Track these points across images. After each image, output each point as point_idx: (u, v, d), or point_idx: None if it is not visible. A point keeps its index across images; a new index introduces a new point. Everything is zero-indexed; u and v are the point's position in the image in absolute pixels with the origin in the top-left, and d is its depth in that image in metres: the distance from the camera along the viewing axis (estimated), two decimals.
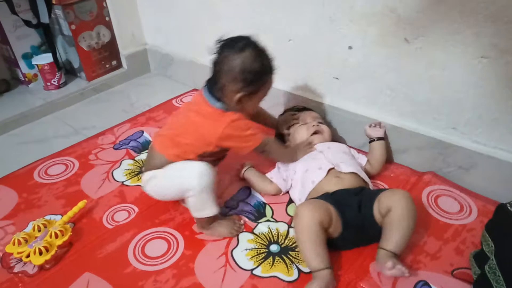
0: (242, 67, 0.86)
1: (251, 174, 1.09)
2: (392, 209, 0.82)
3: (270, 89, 0.95)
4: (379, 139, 1.10)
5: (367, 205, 0.87)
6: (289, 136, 1.15)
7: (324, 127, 1.13)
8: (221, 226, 0.94)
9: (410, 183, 1.08)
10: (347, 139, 1.24)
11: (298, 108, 1.22)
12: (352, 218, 0.86)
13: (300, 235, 0.82)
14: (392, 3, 0.98)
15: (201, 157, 0.93)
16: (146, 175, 0.97)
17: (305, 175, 0.99)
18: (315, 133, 1.10)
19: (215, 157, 0.98)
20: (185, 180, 0.90)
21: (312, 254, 0.80)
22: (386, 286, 0.80)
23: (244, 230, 0.96)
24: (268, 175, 1.08)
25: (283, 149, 1.09)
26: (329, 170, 0.97)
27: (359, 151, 1.15)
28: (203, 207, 0.91)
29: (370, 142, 1.12)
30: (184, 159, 0.92)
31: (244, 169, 1.11)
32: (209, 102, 0.91)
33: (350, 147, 1.15)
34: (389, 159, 1.16)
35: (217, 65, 0.90)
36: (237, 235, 0.94)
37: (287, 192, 1.06)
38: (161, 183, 0.95)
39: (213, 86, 0.91)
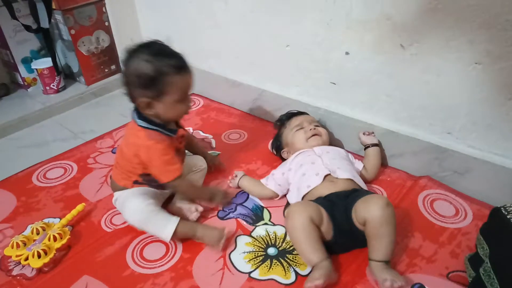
0: (136, 72, 0.84)
1: (245, 182, 1.09)
2: (368, 221, 0.81)
3: (184, 90, 0.89)
4: (373, 145, 1.12)
5: (349, 211, 0.87)
6: (288, 144, 1.16)
7: (321, 130, 1.14)
8: (205, 237, 0.92)
9: (406, 187, 1.09)
10: (344, 143, 1.25)
11: (293, 113, 1.23)
12: (341, 221, 0.87)
13: (295, 234, 0.84)
14: (388, 11, 1.00)
15: (144, 177, 0.95)
16: (114, 196, 1.00)
17: (302, 179, 1.00)
18: (313, 135, 1.11)
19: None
20: (126, 217, 0.95)
21: (310, 250, 0.81)
22: None
23: (242, 233, 0.97)
24: (263, 181, 1.08)
25: (196, 189, 1.04)
26: (325, 176, 0.97)
27: (355, 156, 1.16)
28: (157, 234, 0.92)
29: (365, 148, 1.13)
30: (130, 180, 0.96)
31: (238, 179, 1.10)
32: (133, 119, 0.92)
33: (347, 151, 1.16)
34: (384, 163, 1.18)
35: (122, 74, 0.89)
36: (220, 247, 0.91)
37: (284, 195, 1.07)
38: (120, 210, 0.99)
39: (130, 100, 0.91)
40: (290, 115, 1.22)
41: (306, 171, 1.01)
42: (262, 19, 1.29)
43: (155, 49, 0.86)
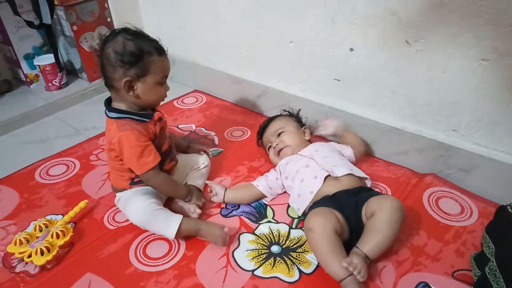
0: (116, 52, 0.84)
1: (231, 197, 1.03)
2: (375, 214, 0.82)
3: (165, 73, 0.91)
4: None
5: (360, 207, 0.87)
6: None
7: (284, 138, 1.11)
8: (208, 236, 0.92)
9: (411, 185, 1.08)
10: None
11: (263, 126, 1.20)
12: (351, 219, 0.86)
13: (319, 248, 0.80)
14: (393, 6, 0.98)
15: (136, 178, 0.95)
16: (116, 196, 1.00)
17: (301, 185, 0.98)
18: (279, 151, 1.10)
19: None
20: (130, 218, 0.94)
21: (336, 264, 0.78)
22: (387, 287, 0.81)
23: (245, 231, 0.96)
24: (254, 182, 1.06)
25: (172, 184, 0.98)
26: (325, 177, 0.96)
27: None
28: (161, 232, 0.91)
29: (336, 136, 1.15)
30: (125, 180, 0.95)
31: (222, 196, 1.03)
32: (106, 113, 0.91)
33: (330, 141, 1.18)
34: (388, 160, 1.17)
35: (100, 61, 0.87)
36: (223, 243, 0.90)
37: (274, 198, 1.06)
38: (123, 210, 0.98)
39: (108, 88, 0.91)
40: (261, 133, 1.20)
41: (304, 177, 0.98)
42: (265, 15, 1.28)
43: (134, 31, 0.87)
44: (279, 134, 1.12)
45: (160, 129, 0.95)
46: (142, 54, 0.85)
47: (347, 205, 0.88)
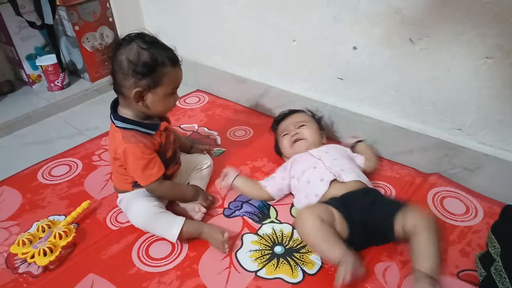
0: (130, 60, 0.82)
1: (240, 182, 1.03)
2: (420, 232, 0.80)
3: (176, 84, 0.90)
4: (359, 141, 1.15)
5: (384, 211, 0.85)
6: (282, 151, 1.15)
7: (305, 131, 1.10)
8: (210, 239, 0.91)
9: (415, 185, 1.07)
10: None
11: (283, 115, 1.20)
12: (360, 218, 0.85)
13: (309, 237, 0.81)
14: (396, 4, 0.98)
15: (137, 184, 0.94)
16: (118, 197, 1.00)
17: (308, 187, 0.97)
18: (295, 141, 1.09)
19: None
20: (131, 220, 0.95)
21: (328, 248, 0.78)
22: (391, 287, 0.80)
23: (248, 231, 0.96)
24: (263, 182, 1.05)
25: (177, 190, 1.00)
26: (331, 181, 0.94)
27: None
28: (163, 235, 0.91)
29: (352, 148, 1.14)
30: (128, 183, 0.95)
31: (232, 178, 1.03)
32: (112, 119, 0.90)
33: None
34: (392, 160, 1.17)
35: (111, 65, 0.86)
36: (223, 250, 0.89)
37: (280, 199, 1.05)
38: (125, 211, 0.98)
39: (116, 93, 0.89)
40: (280, 119, 1.19)
41: (310, 178, 0.97)
42: (268, 14, 1.27)
43: (150, 39, 0.85)
44: (300, 126, 1.12)
45: (166, 137, 0.94)
46: (155, 65, 0.83)
47: (356, 204, 0.87)
